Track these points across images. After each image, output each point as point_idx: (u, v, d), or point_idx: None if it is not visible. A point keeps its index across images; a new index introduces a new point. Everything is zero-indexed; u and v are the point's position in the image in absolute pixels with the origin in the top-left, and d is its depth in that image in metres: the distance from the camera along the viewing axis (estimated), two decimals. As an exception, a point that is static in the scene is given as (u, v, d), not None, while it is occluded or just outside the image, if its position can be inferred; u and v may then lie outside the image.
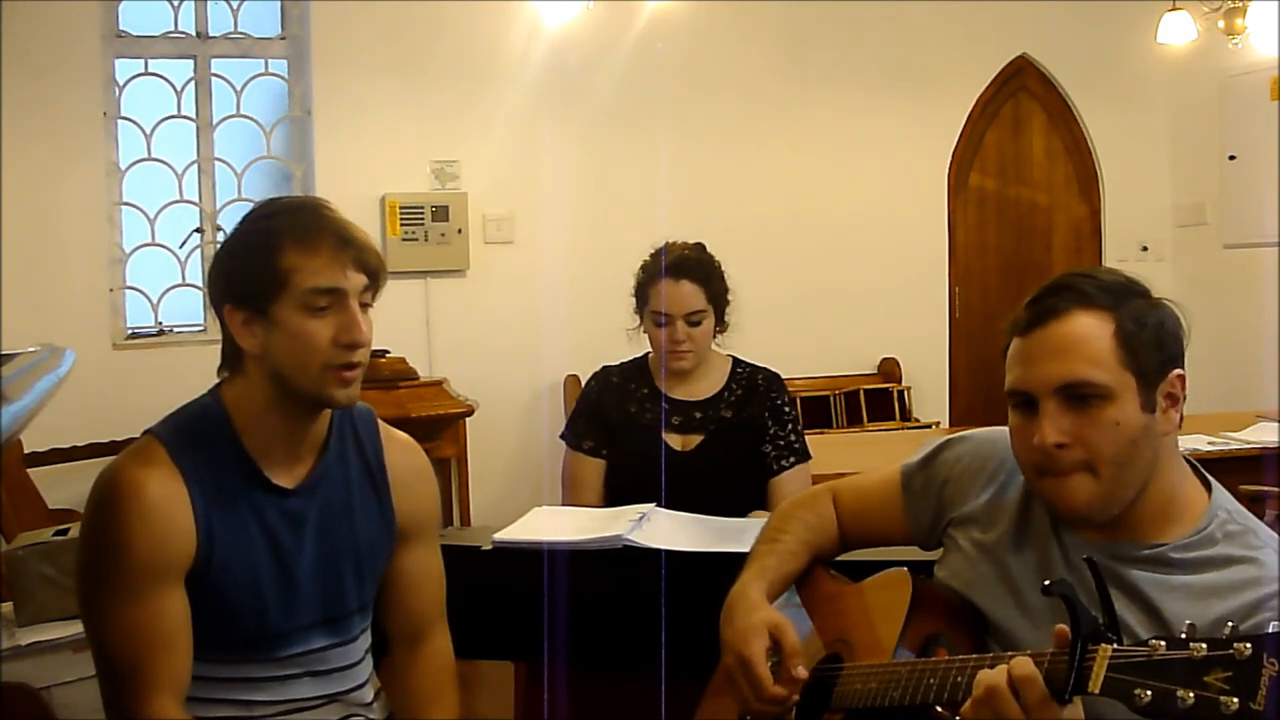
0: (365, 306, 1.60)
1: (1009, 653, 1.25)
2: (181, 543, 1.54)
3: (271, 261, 1.54)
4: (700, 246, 2.69)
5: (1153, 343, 1.36)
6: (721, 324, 2.67)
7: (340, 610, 1.68)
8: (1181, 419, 1.40)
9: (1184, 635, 1.06)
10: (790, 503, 1.81)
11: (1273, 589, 1.30)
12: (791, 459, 2.64)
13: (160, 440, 1.58)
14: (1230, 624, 1.06)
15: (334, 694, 1.69)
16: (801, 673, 1.51)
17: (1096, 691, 1.10)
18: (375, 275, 1.60)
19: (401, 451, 1.78)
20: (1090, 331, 1.35)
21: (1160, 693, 1.04)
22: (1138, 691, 1.06)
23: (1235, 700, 1.00)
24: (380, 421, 1.78)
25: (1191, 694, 1.02)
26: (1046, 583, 1.17)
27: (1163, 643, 1.07)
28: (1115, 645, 1.12)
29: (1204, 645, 1.04)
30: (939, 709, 1.33)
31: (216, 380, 1.66)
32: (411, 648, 1.79)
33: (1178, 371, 1.38)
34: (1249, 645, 1.01)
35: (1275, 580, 1.31)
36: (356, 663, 1.72)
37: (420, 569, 1.79)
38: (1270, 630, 1.02)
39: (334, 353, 1.56)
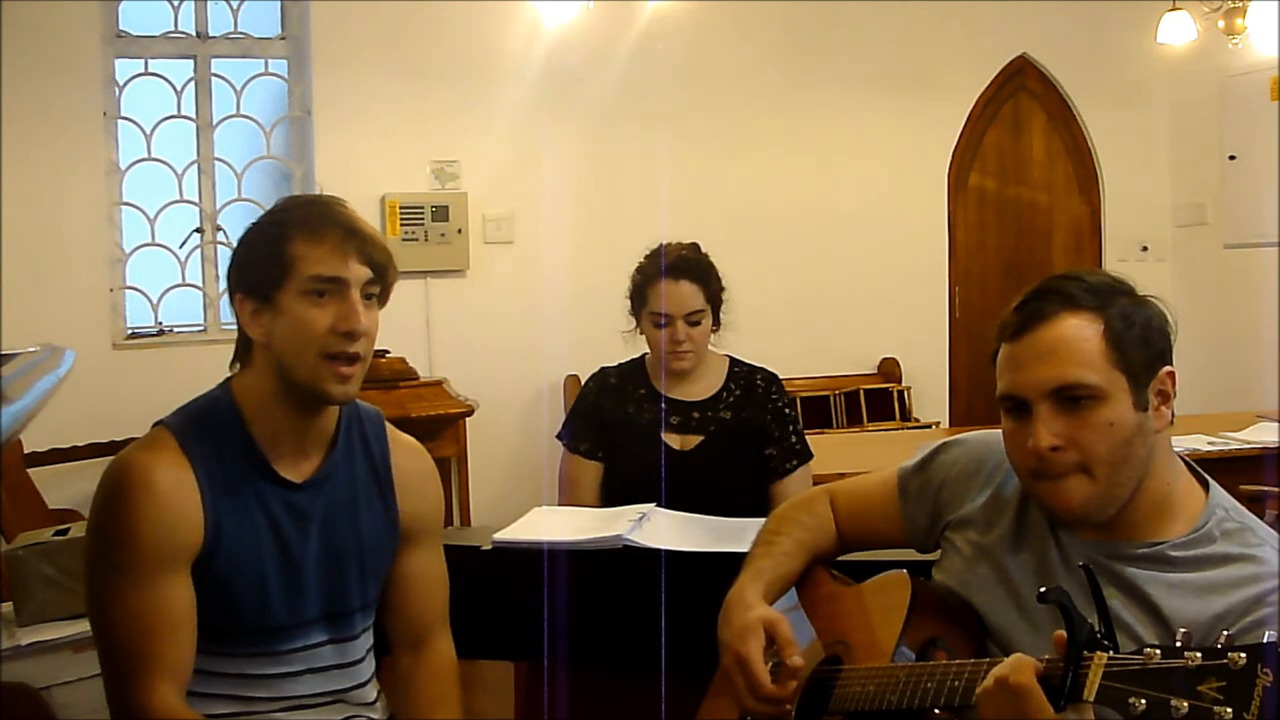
0: (370, 299, 1.62)
1: (1009, 656, 1.25)
2: (189, 531, 1.55)
3: (279, 250, 1.57)
4: (695, 246, 2.69)
5: (1141, 341, 1.36)
6: (717, 324, 2.68)
7: (343, 607, 1.69)
8: (1173, 416, 1.40)
9: (1179, 644, 1.06)
10: (787, 505, 1.81)
11: (1271, 585, 1.30)
12: (794, 461, 2.64)
13: (170, 430, 1.60)
14: (1225, 631, 1.06)
15: (335, 692, 1.69)
16: (798, 661, 1.51)
17: (1091, 700, 1.11)
18: (381, 270, 1.61)
19: (407, 454, 1.80)
20: (1080, 333, 1.35)
21: (1155, 702, 1.04)
22: (1132, 700, 1.06)
23: (1229, 710, 1.00)
24: (388, 424, 1.80)
25: (1186, 703, 1.02)
26: (1042, 590, 1.18)
27: (1157, 651, 1.07)
28: (1111, 653, 1.12)
29: (1198, 654, 1.04)
30: (936, 711, 1.33)
31: (229, 374, 1.69)
32: (414, 651, 1.80)
33: (1168, 368, 1.39)
34: (1243, 655, 1.01)
35: (1274, 577, 1.31)
36: (357, 661, 1.72)
37: (423, 572, 1.80)
38: (1265, 641, 1.02)
39: (331, 340, 1.57)
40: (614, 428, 2.67)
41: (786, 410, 2.68)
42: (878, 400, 5.90)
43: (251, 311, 1.61)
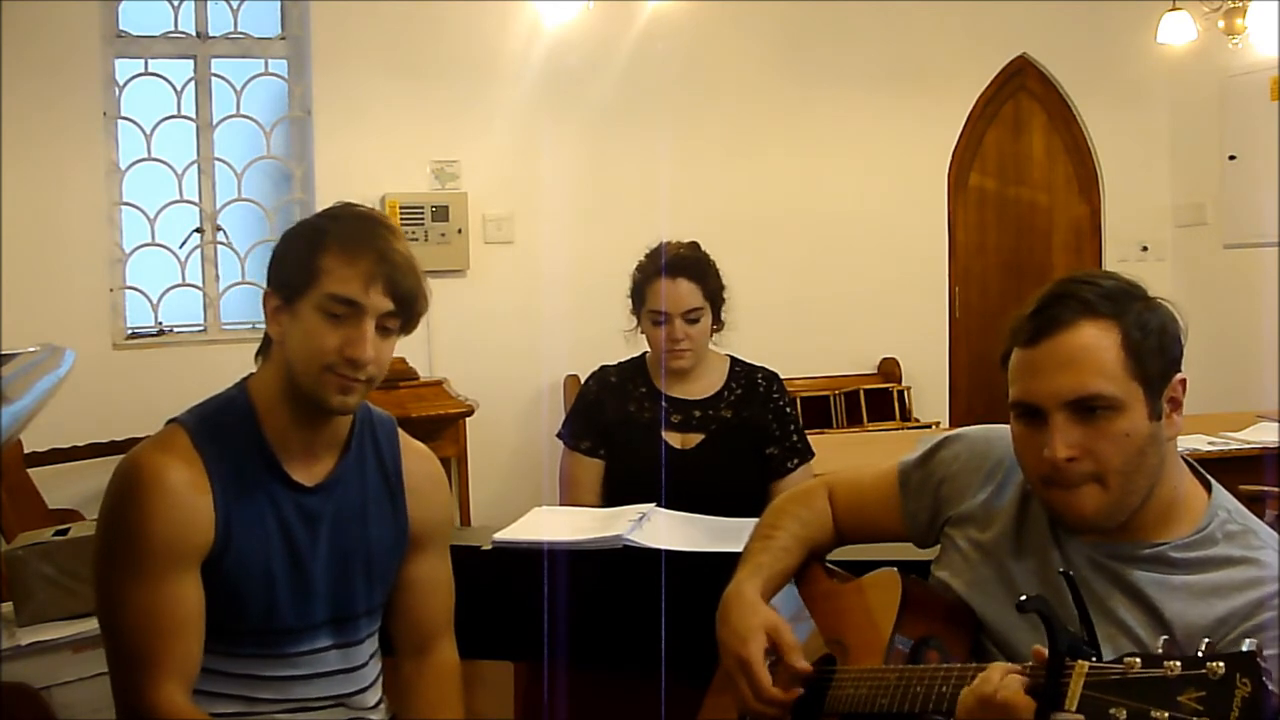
0: (387, 331, 1.61)
1: (995, 664, 1.25)
2: (200, 530, 1.55)
3: (311, 257, 1.58)
4: (695, 245, 2.70)
5: (1157, 349, 1.35)
6: (718, 322, 2.68)
7: (349, 612, 1.69)
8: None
9: (1160, 651, 1.06)
10: (784, 498, 1.80)
11: (1273, 589, 1.30)
12: (795, 460, 2.65)
13: (184, 428, 1.60)
14: (1207, 640, 1.06)
15: (338, 696, 1.69)
16: (804, 665, 1.51)
17: (1073, 709, 1.10)
18: (407, 302, 1.60)
19: (418, 459, 1.80)
20: (1098, 342, 1.34)
21: (1134, 712, 1.04)
22: (1113, 710, 1.05)
23: None
24: (400, 430, 1.80)
25: (1165, 714, 1.02)
26: (1022, 599, 1.17)
27: (1138, 660, 1.06)
28: (1093, 661, 1.11)
29: (1178, 664, 1.03)
30: (929, 716, 1.33)
31: (238, 371, 1.69)
32: (418, 656, 1.80)
33: (1180, 376, 1.38)
34: (1222, 665, 1.01)
35: (1275, 580, 1.31)
36: (361, 666, 1.72)
37: (430, 577, 1.80)
38: (1244, 650, 1.01)
39: (337, 361, 1.57)
40: (615, 426, 2.67)
41: (787, 409, 2.69)
42: (878, 400, 5.90)
43: (274, 308, 1.62)
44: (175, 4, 5.14)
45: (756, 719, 1.55)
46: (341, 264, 1.57)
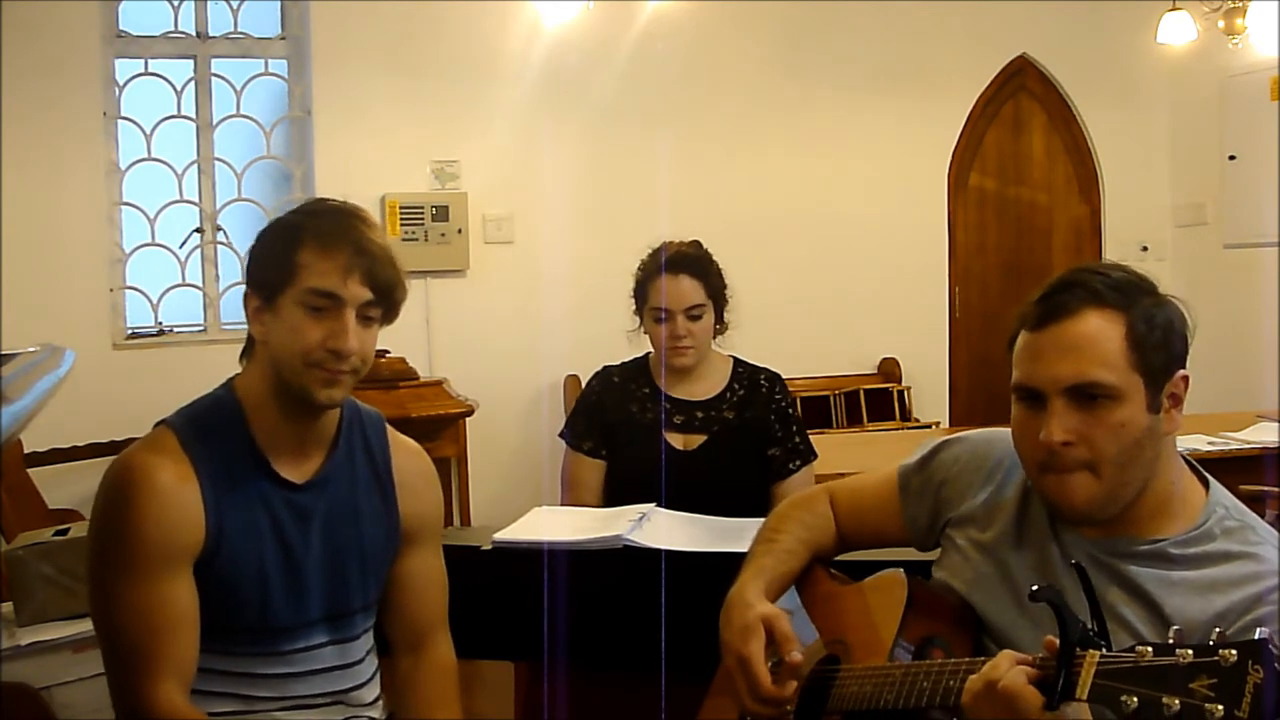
0: (369, 321, 1.62)
1: (1006, 652, 1.25)
2: (191, 530, 1.56)
3: (288, 254, 1.58)
4: (697, 243, 2.70)
5: (1161, 344, 1.36)
6: (721, 322, 2.68)
7: (344, 608, 1.69)
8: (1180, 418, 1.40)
9: (1171, 641, 1.06)
10: (787, 503, 1.81)
11: (1271, 584, 1.31)
12: (797, 461, 2.65)
13: (172, 430, 1.61)
14: (1218, 630, 1.06)
15: (335, 693, 1.69)
16: (796, 658, 1.51)
17: (1085, 698, 1.10)
18: (386, 292, 1.61)
19: (408, 456, 1.80)
20: (1102, 332, 1.35)
21: (1146, 700, 1.04)
22: (1124, 698, 1.06)
23: (1220, 708, 1.00)
24: (389, 426, 1.80)
25: (1177, 701, 1.02)
26: (1034, 589, 1.17)
27: (1150, 649, 1.07)
28: (1103, 651, 1.11)
29: (1190, 652, 1.04)
30: (934, 711, 1.33)
31: (235, 369, 1.70)
32: (414, 652, 1.80)
33: (1182, 373, 1.38)
34: (1234, 652, 1.01)
35: (1274, 575, 1.31)
36: (357, 662, 1.73)
37: (423, 573, 1.80)
38: (1256, 637, 1.02)
39: (321, 355, 1.58)
40: (617, 427, 2.66)
41: (790, 410, 2.69)
42: (878, 400, 5.90)
43: (255, 308, 1.62)
44: (175, 4, 5.14)
45: (756, 718, 1.55)
46: (318, 258, 1.57)
